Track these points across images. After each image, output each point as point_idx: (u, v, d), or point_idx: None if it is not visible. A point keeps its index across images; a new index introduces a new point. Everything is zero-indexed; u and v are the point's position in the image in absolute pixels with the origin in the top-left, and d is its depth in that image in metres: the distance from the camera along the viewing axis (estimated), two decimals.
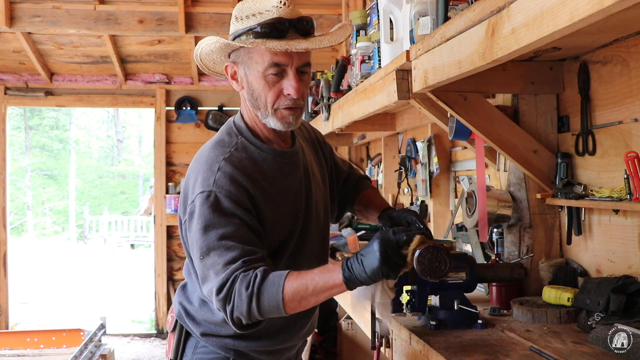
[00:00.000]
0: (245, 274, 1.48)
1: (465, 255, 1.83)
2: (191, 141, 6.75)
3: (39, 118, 22.85)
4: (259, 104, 1.65)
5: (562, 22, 1.08)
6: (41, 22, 5.50)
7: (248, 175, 1.61)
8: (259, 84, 1.62)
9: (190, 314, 1.74)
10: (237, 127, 1.72)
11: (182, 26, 5.62)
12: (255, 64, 1.61)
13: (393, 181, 3.99)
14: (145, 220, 17.69)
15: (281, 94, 1.62)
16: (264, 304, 1.46)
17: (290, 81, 1.60)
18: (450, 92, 1.93)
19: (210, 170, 1.59)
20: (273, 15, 1.58)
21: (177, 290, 1.83)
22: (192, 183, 1.63)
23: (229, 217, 1.54)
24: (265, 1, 1.60)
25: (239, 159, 1.63)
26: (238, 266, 1.49)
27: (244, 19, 1.61)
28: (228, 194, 1.56)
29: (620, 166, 1.75)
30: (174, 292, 6.92)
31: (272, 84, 1.61)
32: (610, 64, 1.82)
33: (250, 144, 1.69)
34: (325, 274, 1.47)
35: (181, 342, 1.77)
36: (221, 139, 1.69)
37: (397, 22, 2.24)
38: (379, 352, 1.97)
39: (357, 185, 2.05)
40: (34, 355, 5.08)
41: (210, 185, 1.57)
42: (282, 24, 1.57)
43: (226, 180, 1.57)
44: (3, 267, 6.46)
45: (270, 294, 1.46)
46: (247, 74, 1.64)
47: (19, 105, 6.93)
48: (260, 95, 1.63)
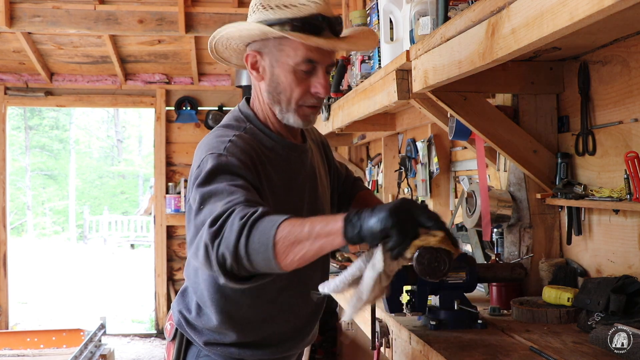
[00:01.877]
0: (245, 206, 1.31)
1: (465, 255, 1.83)
2: (191, 141, 6.75)
3: (39, 118, 22.85)
4: (280, 98, 1.59)
5: (562, 22, 1.08)
6: (41, 22, 5.50)
7: (256, 154, 1.55)
8: (287, 78, 1.57)
9: (190, 323, 1.69)
10: (245, 115, 1.66)
11: (182, 26, 5.62)
12: (287, 57, 1.55)
13: (393, 181, 3.99)
14: (145, 220, 17.69)
15: (308, 91, 1.57)
16: (254, 239, 1.24)
17: (319, 79, 1.56)
18: (450, 92, 1.93)
19: (221, 142, 1.52)
20: (312, 10, 1.51)
21: (176, 296, 1.78)
22: (198, 157, 1.52)
23: (237, 175, 1.44)
24: None
25: (248, 141, 1.57)
26: (239, 200, 1.33)
27: (274, 8, 1.53)
28: (239, 159, 1.48)
29: (620, 166, 1.75)
30: (174, 292, 6.93)
31: (301, 80, 1.56)
32: (610, 64, 1.82)
33: (260, 131, 1.63)
34: (327, 219, 1.25)
35: (182, 352, 1.73)
36: (228, 124, 1.63)
37: (397, 22, 2.24)
38: (379, 352, 1.96)
39: (352, 187, 2.05)
40: (34, 355, 5.08)
41: (220, 150, 1.49)
42: (320, 20, 1.52)
43: (237, 150, 1.50)
44: (3, 267, 6.46)
45: (264, 228, 1.24)
46: (274, 66, 1.58)
47: (19, 105, 6.93)
48: (285, 89, 1.58)
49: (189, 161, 6.86)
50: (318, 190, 1.75)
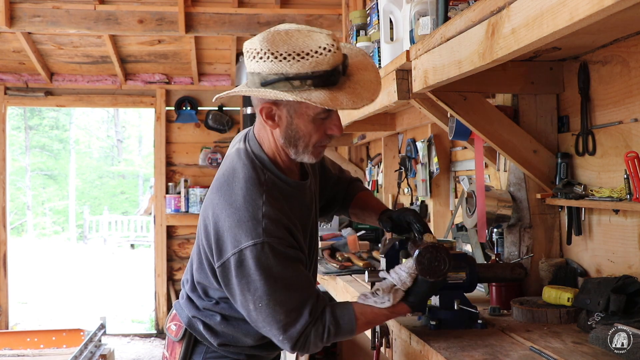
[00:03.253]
0: (316, 327, 1.54)
1: (465, 255, 1.83)
2: (191, 141, 6.75)
3: (39, 118, 22.85)
4: (298, 144, 1.61)
5: (562, 22, 1.08)
6: (41, 22, 5.50)
7: (288, 217, 1.59)
8: (307, 127, 1.58)
9: (208, 326, 1.72)
10: (260, 160, 1.64)
11: (182, 26, 5.62)
12: (306, 109, 1.55)
13: (393, 181, 3.99)
14: (145, 220, 17.69)
15: (325, 133, 1.61)
16: (340, 339, 1.61)
17: (334, 121, 1.60)
18: (450, 92, 1.93)
19: (256, 219, 1.53)
20: (329, 62, 1.47)
21: (183, 301, 1.78)
22: (229, 228, 1.54)
23: (286, 262, 1.53)
24: (311, 39, 1.47)
25: (276, 198, 1.59)
26: (306, 321, 1.53)
27: (289, 59, 1.46)
28: (279, 241, 1.53)
29: (620, 166, 1.75)
30: (174, 292, 6.92)
31: (320, 126, 1.59)
32: (610, 64, 1.82)
33: (278, 179, 1.64)
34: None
35: (189, 351, 1.75)
36: (250, 177, 1.60)
37: (397, 22, 2.24)
38: (379, 352, 1.96)
39: (349, 188, 2.05)
40: (34, 355, 5.07)
41: (260, 235, 1.51)
42: (337, 72, 1.50)
43: (274, 227, 1.53)
44: (3, 267, 6.46)
45: (346, 331, 1.58)
46: (293, 117, 1.57)
47: (19, 105, 6.93)
48: (305, 136, 1.59)
49: (189, 161, 6.95)
50: (315, 206, 1.81)
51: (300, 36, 1.48)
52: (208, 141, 6.73)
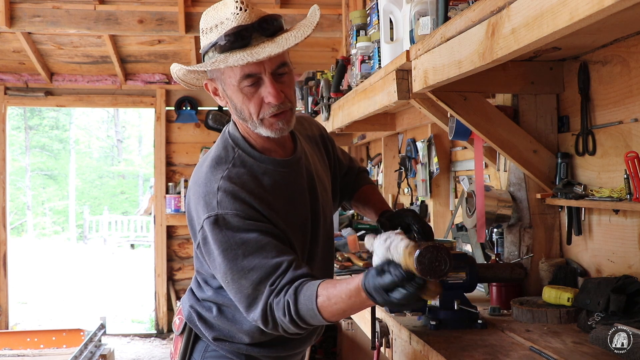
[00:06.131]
0: (277, 300, 1.46)
1: (465, 255, 1.83)
2: (191, 141, 6.75)
3: (39, 118, 22.85)
4: (244, 117, 1.58)
5: (562, 22, 1.08)
6: (41, 22, 5.50)
7: (250, 191, 1.55)
8: (237, 98, 1.55)
9: (203, 318, 1.71)
10: (233, 139, 1.65)
11: (182, 26, 5.62)
12: (229, 79, 1.54)
13: (393, 181, 3.99)
14: (145, 220, 17.68)
15: (263, 102, 1.54)
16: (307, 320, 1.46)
17: (267, 88, 1.52)
18: (450, 92, 1.93)
19: (211, 192, 1.54)
20: (232, 24, 1.49)
21: (186, 292, 1.80)
22: (195, 206, 1.58)
23: (242, 233, 1.50)
24: (225, 8, 1.52)
25: (238, 174, 1.58)
26: (267, 293, 1.47)
27: (207, 32, 1.53)
28: (234, 213, 1.51)
29: (620, 166, 1.75)
30: (174, 292, 6.92)
31: (251, 95, 1.54)
32: (610, 64, 1.82)
33: (249, 157, 1.62)
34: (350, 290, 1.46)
35: (189, 346, 1.75)
36: (218, 155, 1.63)
37: (397, 22, 2.24)
38: (379, 352, 1.96)
39: (356, 179, 2.03)
40: (34, 355, 5.08)
41: (214, 209, 1.52)
42: (244, 31, 1.49)
43: (229, 199, 1.52)
44: (3, 267, 6.46)
45: (306, 304, 1.47)
46: (225, 89, 1.58)
47: (19, 105, 6.93)
48: (242, 108, 1.56)
49: (189, 161, 6.95)
50: (317, 192, 1.74)
51: (219, 8, 1.54)
52: (208, 141, 6.73)
